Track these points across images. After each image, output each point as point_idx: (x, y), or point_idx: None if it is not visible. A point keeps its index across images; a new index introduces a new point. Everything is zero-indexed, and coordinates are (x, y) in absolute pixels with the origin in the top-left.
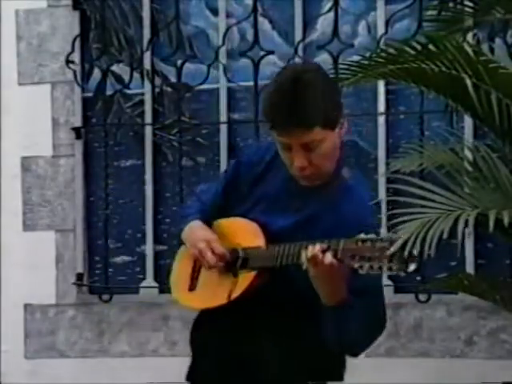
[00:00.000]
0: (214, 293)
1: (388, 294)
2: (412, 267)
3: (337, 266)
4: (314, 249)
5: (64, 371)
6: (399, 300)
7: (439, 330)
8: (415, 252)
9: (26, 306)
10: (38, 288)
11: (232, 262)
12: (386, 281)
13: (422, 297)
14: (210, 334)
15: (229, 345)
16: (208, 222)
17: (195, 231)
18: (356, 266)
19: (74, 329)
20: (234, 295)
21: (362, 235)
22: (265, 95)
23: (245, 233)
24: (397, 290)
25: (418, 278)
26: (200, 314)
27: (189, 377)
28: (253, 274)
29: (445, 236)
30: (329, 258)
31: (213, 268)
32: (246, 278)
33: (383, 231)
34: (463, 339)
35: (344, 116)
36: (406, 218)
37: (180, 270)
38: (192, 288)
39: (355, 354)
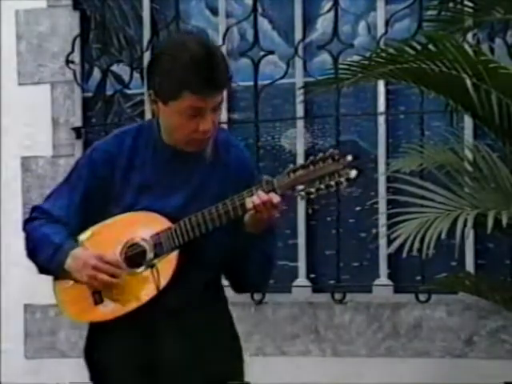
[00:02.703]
0: (134, 292)
1: (388, 293)
2: (354, 173)
3: (280, 202)
4: (261, 195)
5: (64, 371)
6: (399, 300)
7: (439, 329)
8: (350, 157)
9: (26, 306)
10: (38, 288)
11: (140, 257)
12: (385, 281)
13: (422, 297)
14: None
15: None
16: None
17: (79, 255)
18: (302, 194)
19: (74, 329)
20: (163, 283)
21: (291, 166)
22: (177, 67)
23: (140, 223)
24: (397, 290)
25: (418, 278)
26: (92, 332)
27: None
28: (174, 255)
29: (443, 236)
30: (277, 197)
31: (117, 278)
32: (167, 262)
33: (383, 230)
34: (463, 339)
35: None
36: (405, 217)
37: (68, 295)
38: (99, 301)
39: (266, 283)
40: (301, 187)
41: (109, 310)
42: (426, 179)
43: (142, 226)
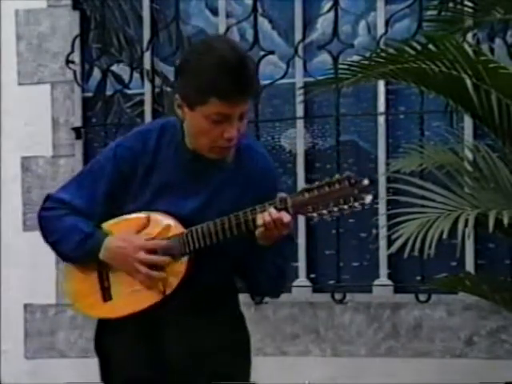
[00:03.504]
0: (142, 293)
1: (388, 293)
2: (369, 198)
3: (291, 221)
4: (272, 213)
5: (64, 371)
6: (399, 300)
7: (439, 329)
8: (366, 182)
9: (26, 306)
10: (38, 288)
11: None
12: (385, 281)
13: (422, 297)
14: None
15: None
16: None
17: (119, 244)
18: (315, 215)
19: (73, 329)
20: (170, 289)
21: (306, 185)
22: (205, 69)
23: (156, 225)
24: (397, 290)
25: (418, 278)
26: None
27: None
28: (184, 261)
29: (445, 236)
30: (288, 216)
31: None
32: (176, 268)
33: (384, 231)
34: (463, 339)
35: None
36: (405, 217)
37: (79, 285)
38: (108, 298)
39: (280, 291)
40: (313, 208)
41: (114, 309)
42: (426, 179)
43: (157, 229)
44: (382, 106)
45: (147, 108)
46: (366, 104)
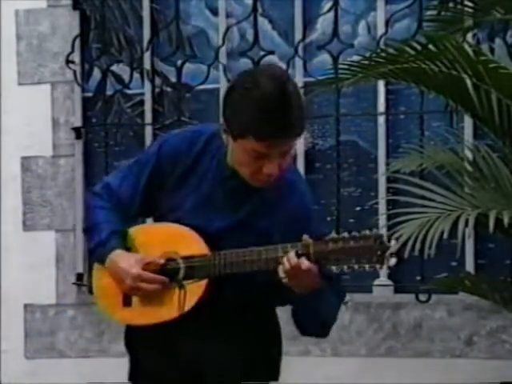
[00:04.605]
0: (159, 307)
1: (388, 293)
2: (393, 261)
3: (313, 269)
4: (291, 259)
5: (64, 371)
6: (399, 300)
7: (439, 329)
8: (393, 244)
9: (26, 306)
10: (38, 288)
11: (172, 273)
12: (385, 281)
13: (422, 297)
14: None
15: (177, 345)
16: (127, 220)
17: (118, 264)
18: (334, 268)
19: (73, 329)
20: (187, 308)
21: (334, 235)
22: (244, 106)
23: (181, 240)
24: (397, 290)
25: (418, 278)
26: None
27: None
28: (203, 283)
29: (445, 236)
30: (306, 263)
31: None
32: (195, 289)
33: (384, 231)
34: (463, 339)
35: None
36: (406, 217)
37: (105, 283)
38: (127, 303)
39: (326, 334)
40: (334, 260)
41: (132, 317)
42: (426, 179)
43: (184, 243)
44: (381, 106)
45: (147, 108)
46: (366, 104)
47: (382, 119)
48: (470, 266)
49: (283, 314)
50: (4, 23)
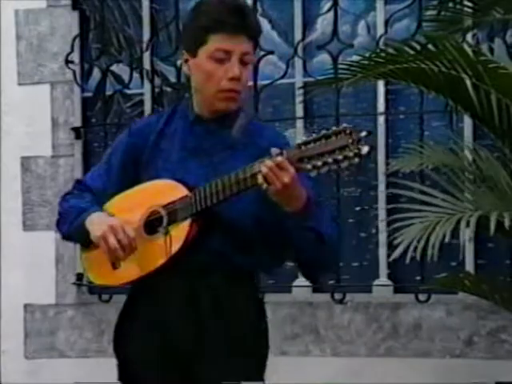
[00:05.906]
0: (148, 257)
1: (388, 293)
2: (365, 149)
3: (290, 169)
4: (267, 163)
5: (64, 371)
6: (399, 300)
7: (439, 329)
8: (364, 133)
9: (26, 306)
10: (38, 288)
11: (157, 224)
12: (385, 281)
13: (422, 297)
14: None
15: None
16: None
17: (96, 221)
18: (309, 167)
19: (73, 329)
20: (174, 250)
21: (302, 139)
22: (203, 10)
23: (160, 192)
24: (396, 290)
25: (418, 278)
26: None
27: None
28: (187, 223)
29: (447, 239)
30: (280, 159)
31: (127, 249)
32: (180, 231)
33: (383, 231)
34: (463, 339)
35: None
36: (407, 222)
37: (92, 255)
38: (116, 266)
39: (333, 265)
40: (308, 159)
41: (123, 275)
42: (426, 181)
43: (163, 194)
44: (381, 106)
45: (147, 108)
46: (366, 104)
47: (381, 119)
48: (469, 265)
49: (283, 314)
50: (4, 23)
